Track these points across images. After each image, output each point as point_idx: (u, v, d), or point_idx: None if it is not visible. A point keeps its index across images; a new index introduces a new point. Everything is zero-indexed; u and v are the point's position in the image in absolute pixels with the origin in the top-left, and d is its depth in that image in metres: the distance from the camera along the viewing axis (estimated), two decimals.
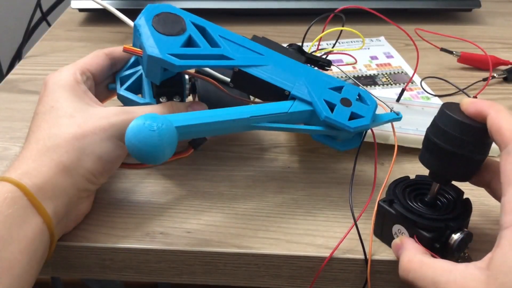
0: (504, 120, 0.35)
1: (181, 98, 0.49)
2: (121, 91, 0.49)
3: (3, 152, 0.53)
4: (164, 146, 0.38)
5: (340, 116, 0.44)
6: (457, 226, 0.39)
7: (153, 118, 0.38)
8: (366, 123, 0.44)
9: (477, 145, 0.37)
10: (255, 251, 0.42)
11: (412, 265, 0.37)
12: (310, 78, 0.46)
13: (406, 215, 0.40)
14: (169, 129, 0.38)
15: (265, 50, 0.47)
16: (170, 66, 0.43)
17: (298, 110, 0.44)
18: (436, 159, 0.39)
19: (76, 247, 0.43)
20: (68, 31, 0.81)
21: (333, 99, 0.45)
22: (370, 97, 0.46)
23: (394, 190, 0.42)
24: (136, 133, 0.37)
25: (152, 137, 0.37)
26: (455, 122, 0.37)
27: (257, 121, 0.42)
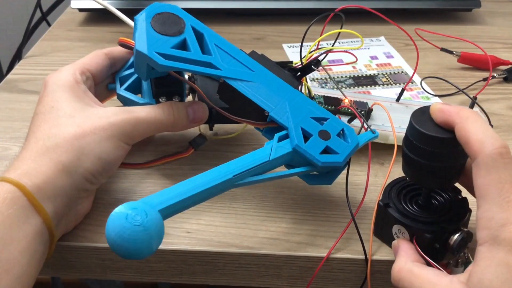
0: (471, 131, 0.34)
1: (181, 98, 0.49)
2: (120, 91, 0.49)
3: (3, 152, 0.53)
4: (152, 240, 0.34)
5: (312, 148, 0.41)
6: (453, 228, 0.39)
7: (135, 208, 0.34)
8: (338, 160, 0.41)
9: (451, 154, 0.36)
10: (255, 251, 0.42)
11: (402, 275, 0.37)
12: (295, 103, 0.44)
13: (401, 220, 0.40)
14: (154, 218, 0.34)
15: (257, 67, 0.46)
16: (153, 64, 0.42)
17: (279, 155, 0.41)
18: (414, 171, 0.38)
19: (76, 247, 0.43)
20: (68, 31, 0.81)
21: (311, 129, 0.43)
22: (353, 135, 0.43)
23: (390, 192, 0.42)
24: (119, 231, 0.33)
25: (138, 232, 0.33)
26: (424, 136, 0.36)
27: (240, 178, 0.40)
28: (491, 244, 0.32)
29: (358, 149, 0.43)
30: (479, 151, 0.33)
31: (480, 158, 0.33)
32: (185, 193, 0.37)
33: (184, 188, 0.38)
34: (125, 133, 0.43)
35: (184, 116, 0.46)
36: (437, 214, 0.40)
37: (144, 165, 0.51)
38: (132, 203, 0.35)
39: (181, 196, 0.37)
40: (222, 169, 0.39)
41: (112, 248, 0.34)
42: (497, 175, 0.33)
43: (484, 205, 0.33)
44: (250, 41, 0.77)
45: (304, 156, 0.41)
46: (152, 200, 0.36)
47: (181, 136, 0.54)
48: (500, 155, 0.33)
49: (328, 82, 0.65)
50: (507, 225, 0.32)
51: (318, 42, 0.49)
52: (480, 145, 0.33)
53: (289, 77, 0.48)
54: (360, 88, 0.65)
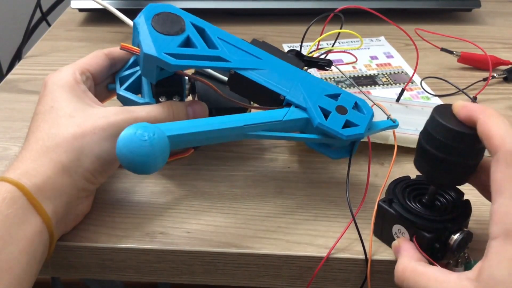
0: (494, 126, 0.34)
1: (181, 98, 0.49)
2: (120, 91, 0.49)
3: (3, 152, 0.53)
4: (156, 156, 0.37)
5: (334, 124, 0.43)
6: (456, 227, 0.39)
7: (144, 127, 0.37)
8: (361, 132, 0.43)
9: (469, 151, 0.37)
10: (255, 251, 0.42)
11: (406, 274, 0.37)
12: (306, 84, 0.45)
13: (405, 216, 0.40)
14: (160, 139, 0.37)
15: (263, 54, 0.47)
16: (165, 65, 0.43)
17: (293, 118, 0.43)
18: (428, 165, 0.38)
19: (76, 247, 0.43)
20: (68, 31, 0.81)
21: (328, 106, 0.44)
22: (367, 106, 0.46)
23: (394, 189, 0.42)
24: (126, 143, 0.36)
25: (143, 147, 0.36)
26: (445, 129, 0.36)
27: (251, 129, 0.42)
28: (504, 239, 0.32)
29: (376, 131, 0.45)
30: (500, 146, 0.34)
31: (500, 153, 0.33)
32: (196, 127, 0.40)
33: (196, 123, 0.40)
34: None
35: (183, 115, 0.46)
36: (440, 213, 0.40)
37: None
38: (144, 123, 0.37)
39: (192, 129, 0.39)
40: (235, 117, 0.41)
41: (119, 159, 0.37)
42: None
43: (500, 199, 0.33)
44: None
45: (328, 132, 0.43)
46: (164, 126, 0.39)
47: None
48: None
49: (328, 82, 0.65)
50: None
51: (318, 42, 0.49)
52: (501, 141, 0.34)
53: (294, 59, 0.48)
54: (360, 88, 0.64)
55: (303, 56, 0.50)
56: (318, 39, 0.49)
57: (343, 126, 0.43)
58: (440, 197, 0.41)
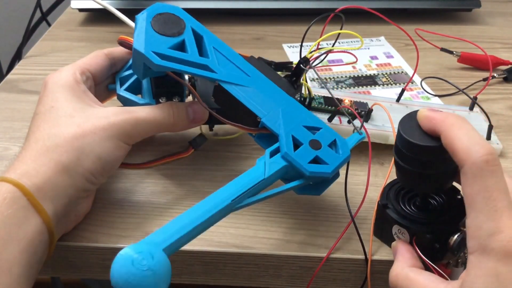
0: (456, 139, 0.33)
1: (181, 98, 0.49)
2: (120, 91, 0.49)
3: (3, 152, 0.53)
4: (161, 282, 0.33)
5: (301, 157, 0.41)
6: (452, 228, 0.39)
7: (140, 252, 0.32)
8: (327, 171, 0.41)
9: (439, 162, 0.36)
10: (255, 251, 0.42)
11: (399, 280, 0.37)
12: (288, 110, 0.44)
13: (399, 221, 0.40)
14: (161, 260, 0.33)
15: (254, 72, 0.46)
16: (149, 63, 0.42)
17: (274, 171, 0.40)
18: (406, 178, 0.38)
19: (76, 247, 0.43)
20: (68, 31, 0.81)
21: (302, 137, 0.42)
22: (345, 147, 0.43)
23: (388, 193, 0.42)
24: (126, 278, 0.32)
25: (147, 277, 0.32)
26: (411, 145, 0.36)
27: (239, 201, 0.39)
28: (480, 253, 0.32)
29: (348, 160, 0.43)
30: (465, 160, 0.33)
31: (466, 167, 0.33)
32: (187, 226, 0.36)
33: (185, 221, 0.36)
34: (125, 133, 0.43)
35: (184, 116, 0.46)
36: (435, 214, 0.40)
37: (144, 165, 0.51)
38: (137, 246, 0.33)
39: (184, 230, 0.36)
40: (220, 195, 0.38)
41: None
42: (483, 184, 0.32)
43: (472, 214, 0.33)
44: (250, 41, 0.77)
45: (292, 164, 0.41)
46: (155, 238, 0.35)
47: (181, 136, 0.54)
48: (486, 162, 0.32)
49: (328, 82, 0.65)
50: (496, 234, 0.31)
51: (318, 42, 0.49)
52: (465, 154, 0.33)
53: (286, 84, 0.47)
54: (360, 88, 0.65)
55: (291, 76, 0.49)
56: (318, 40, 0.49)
57: (311, 161, 0.41)
58: (435, 196, 0.41)
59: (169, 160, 0.51)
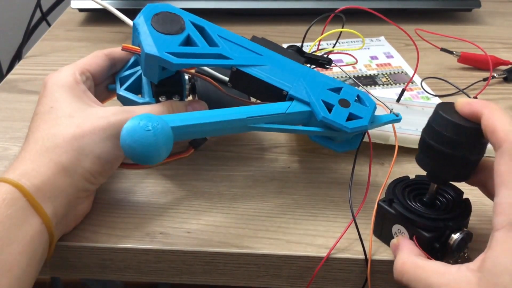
0: (499, 120, 0.35)
1: (181, 98, 0.49)
2: (120, 91, 0.49)
3: (3, 152, 0.53)
4: (160, 146, 0.37)
5: (338, 117, 0.43)
6: (456, 226, 0.39)
7: (148, 118, 0.37)
8: (364, 124, 0.44)
9: (472, 145, 0.37)
10: (255, 251, 0.42)
11: (406, 268, 0.37)
12: (308, 78, 0.46)
13: (406, 215, 0.40)
14: (164, 129, 0.37)
15: (264, 51, 0.47)
16: (167, 64, 0.43)
17: (296, 111, 0.43)
18: (431, 161, 0.39)
19: (76, 247, 0.43)
20: (68, 31, 0.81)
21: (331, 99, 0.44)
22: (369, 98, 0.46)
23: (394, 189, 0.42)
24: (130, 133, 0.37)
25: (147, 137, 0.37)
26: (449, 124, 0.37)
27: (254, 121, 0.42)
28: (508, 229, 0.32)
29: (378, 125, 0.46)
30: (505, 139, 0.34)
31: (505, 146, 0.34)
32: (199, 119, 0.40)
33: (199, 115, 0.40)
34: None
35: None
36: (441, 212, 0.40)
37: (144, 165, 0.51)
38: (148, 114, 0.37)
39: (195, 121, 0.40)
40: (238, 109, 0.41)
41: (123, 149, 0.37)
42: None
43: (504, 191, 0.33)
44: None
45: (332, 126, 0.43)
46: (168, 117, 0.39)
47: None
48: None
49: None
50: None
51: (318, 41, 0.49)
52: (506, 134, 0.34)
53: (294, 55, 0.49)
54: (360, 88, 0.64)
55: (304, 53, 0.50)
56: (318, 38, 0.49)
57: (347, 119, 0.44)
58: (440, 196, 0.42)
59: (169, 160, 0.51)
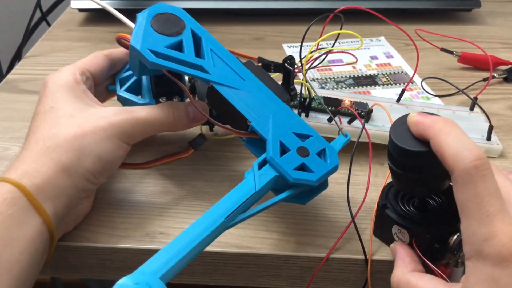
0: (444, 145, 0.33)
1: (181, 98, 0.49)
2: (120, 92, 0.49)
3: (3, 152, 0.53)
4: None
5: (286, 163, 0.40)
6: (451, 228, 0.39)
7: (137, 283, 0.32)
8: (312, 179, 0.40)
9: (430, 166, 0.36)
10: (255, 251, 0.42)
11: (400, 286, 0.37)
12: (279, 116, 0.43)
13: (397, 221, 0.40)
14: None
15: (249, 76, 0.45)
16: (144, 60, 0.42)
17: (264, 183, 0.39)
18: (400, 182, 0.38)
19: (76, 247, 0.43)
20: (68, 31, 0.81)
21: (290, 144, 0.41)
22: (334, 157, 0.42)
23: (387, 193, 0.42)
24: None
25: None
26: (399, 149, 0.36)
27: (232, 218, 0.38)
28: (476, 259, 0.32)
29: (336, 170, 0.42)
30: (454, 167, 0.32)
31: (456, 174, 0.33)
32: (181, 251, 0.36)
33: (179, 245, 0.36)
34: (125, 133, 0.43)
35: (184, 115, 0.46)
36: (434, 215, 0.40)
37: (144, 165, 0.51)
38: (133, 276, 0.33)
39: (179, 256, 0.35)
40: (212, 214, 0.38)
41: None
42: (474, 190, 0.32)
43: (465, 220, 0.33)
44: (250, 41, 0.77)
45: (276, 169, 0.40)
46: (151, 267, 0.34)
47: (181, 136, 0.54)
48: (475, 168, 0.32)
49: (328, 82, 0.65)
50: (490, 239, 0.31)
51: (318, 43, 0.49)
52: (454, 160, 0.32)
53: (281, 90, 0.47)
54: (360, 88, 0.65)
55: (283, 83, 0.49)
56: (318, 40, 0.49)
57: (298, 168, 0.40)
58: (435, 196, 0.41)
59: (169, 160, 0.51)
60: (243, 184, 0.40)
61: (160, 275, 0.34)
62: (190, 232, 0.37)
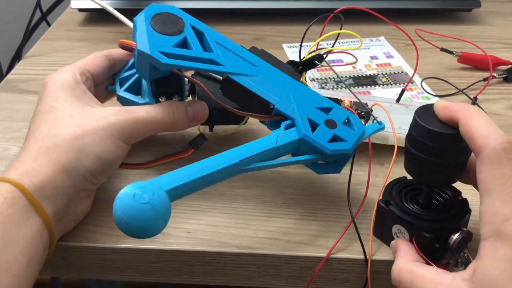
0: (475, 126, 0.34)
1: (180, 98, 0.49)
2: (120, 92, 0.49)
3: (3, 152, 0.53)
4: (160, 218, 0.34)
5: (320, 137, 0.42)
6: (454, 226, 0.39)
7: (142, 187, 0.34)
8: (347, 147, 0.42)
9: (453, 151, 0.36)
10: (255, 251, 0.42)
11: (402, 275, 0.37)
12: (298, 95, 0.45)
13: (402, 217, 0.40)
14: (161, 198, 0.35)
15: (259, 62, 0.46)
16: (157, 63, 0.43)
17: (286, 142, 0.41)
18: (416, 167, 0.38)
19: (76, 247, 0.43)
20: (68, 31, 0.81)
21: (317, 118, 0.43)
22: (358, 122, 0.44)
23: (391, 191, 0.42)
24: (126, 209, 0.33)
25: (145, 211, 0.33)
26: (427, 131, 0.36)
27: (247, 163, 0.40)
28: (494, 239, 0.32)
29: (364, 138, 0.44)
30: (483, 146, 0.33)
31: (484, 153, 0.33)
32: (192, 175, 0.38)
33: (191, 170, 0.38)
34: (125, 133, 0.43)
35: (183, 115, 0.46)
36: (437, 213, 0.40)
37: (144, 165, 0.51)
38: (140, 183, 0.35)
39: (188, 178, 0.37)
40: (229, 154, 0.40)
41: (119, 226, 0.34)
42: (500, 170, 0.33)
43: (487, 200, 0.33)
44: (250, 41, 0.77)
45: (312, 145, 0.42)
46: (160, 181, 0.36)
47: (181, 136, 0.54)
48: (504, 150, 0.33)
49: (328, 82, 0.65)
50: (510, 219, 0.32)
51: (317, 43, 0.49)
52: (484, 140, 0.33)
53: (291, 70, 0.48)
54: (360, 88, 0.65)
55: (298, 64, 0.49)
56: (317, 40, 0.49)
57: (330, 140, 0.42)
58: (437, 196, 0.41)
59: (169, 160, 0.51)
60: (266, 138, 0.42)
61: (167, 189, 0.36)
62: (204, 163, 0.39)
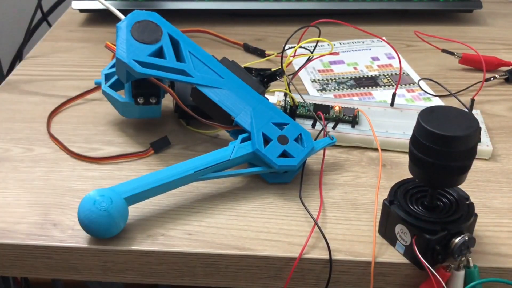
0: None
1: (157, 99, 0.52)
2: (105, 88, 0.53)
3: (4, 154, 0.53)
4: (116, 222, 0.41)
5: (270, 152, 0.46)
6: (456, 230, 0.39)
7: (102, 195, 0.40)
8: (293, 164, 0.46)
9: (458, 153, 0.36)
10: (257, 253, 0.42)
11: None
12: (257, 109, 0.48)
13: (404, 218, 0.40)
14: (118, 205, 0.41)
15: (227, 74, 0.50)
16: (131, 71, 0.46)
17: (240, 155, 0.46)
18: (420, 170, 0.38)
19: (77, 248, 0.43)
20: (69, 32, 0.80)
21: (271, 133, 0.47)
22: (309, 140, 0.48)
23: (396, 191, 0.42)
24: (87, 214, 0.40)
25: (102, 217, 0.40)
26: (430, 134, 0.36)
27: (202, 173, 0.45)
28: None
29: (314, 152, 0.48)
30: None
31: None
32: (149, 184, 0.43)
33: (149, 179, 0.43)
34: None
35: None
36: (440, 215, 0.40)
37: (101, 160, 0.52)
38: (101, 190, 0.41)
39: (145, 187, 0.43)
40: (186, 165, 0.44)
41: (82, 227, 0.41)
42: None
43: None
44: (251, 42, 0.77)
45: (263, 159, 0.46)
46: (120, 188, 0.42)
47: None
48: None
49: (329, 83, 0.65)
50: None
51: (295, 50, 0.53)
52: None
53: (256, 83, 0.52)
54: (361, 89, 0.64)
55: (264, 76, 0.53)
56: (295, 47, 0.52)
57: (281, 155, 0.46)
58: (444, 198, 0.41)
59: (125, 158, 0.52)
60: (222, 150, 0.46)
61: (125, 197, 0.42)
62: (161, 173, 0.44)
